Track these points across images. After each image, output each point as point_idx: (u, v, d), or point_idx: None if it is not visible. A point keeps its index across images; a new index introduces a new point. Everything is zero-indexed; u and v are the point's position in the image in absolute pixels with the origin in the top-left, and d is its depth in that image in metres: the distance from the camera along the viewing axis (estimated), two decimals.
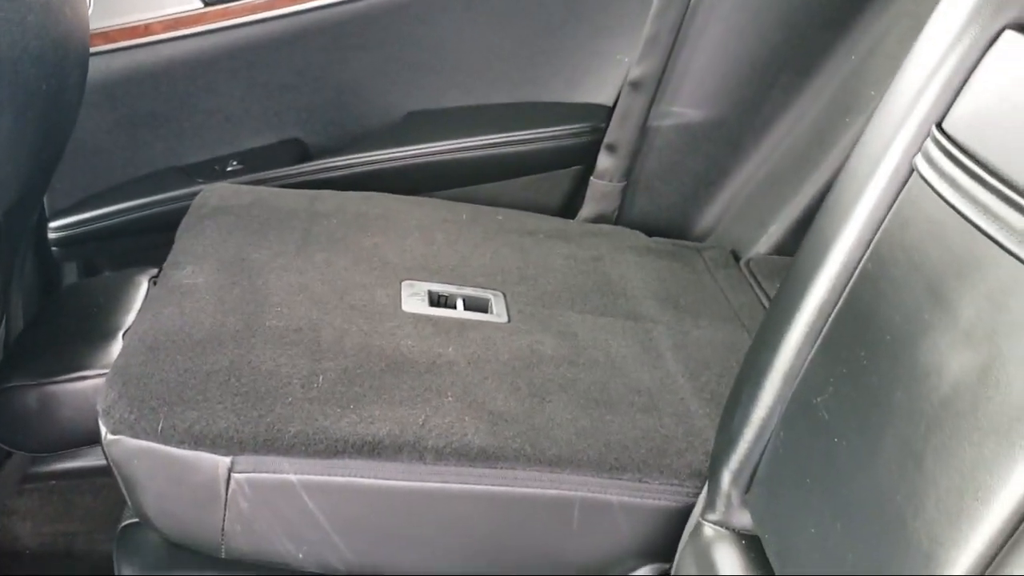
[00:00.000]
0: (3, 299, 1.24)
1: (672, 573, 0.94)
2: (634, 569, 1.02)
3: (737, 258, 1.49)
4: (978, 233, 0.62)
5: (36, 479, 1.60)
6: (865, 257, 0.74)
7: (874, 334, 0.71)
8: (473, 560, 0.99)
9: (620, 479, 0.97)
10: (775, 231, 1.49)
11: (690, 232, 1.60)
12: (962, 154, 0.67)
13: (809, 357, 0.79)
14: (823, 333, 0.78)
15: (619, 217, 1.58)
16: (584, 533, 0.99)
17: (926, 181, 0.70)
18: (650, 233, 1.53)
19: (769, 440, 0.83)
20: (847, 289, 0.76)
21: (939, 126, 0.71)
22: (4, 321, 1.28)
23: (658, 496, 0.98)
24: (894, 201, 0.73)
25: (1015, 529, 0.56)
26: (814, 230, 0.81)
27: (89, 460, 1.64)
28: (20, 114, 0.93)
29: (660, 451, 1.00)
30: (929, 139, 0.71)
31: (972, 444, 0.59)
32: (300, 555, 0.96)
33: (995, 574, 0.56)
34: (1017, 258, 0.59)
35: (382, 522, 0.96)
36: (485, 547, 0.99)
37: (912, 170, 0.73)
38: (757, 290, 1.40)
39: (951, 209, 0.67)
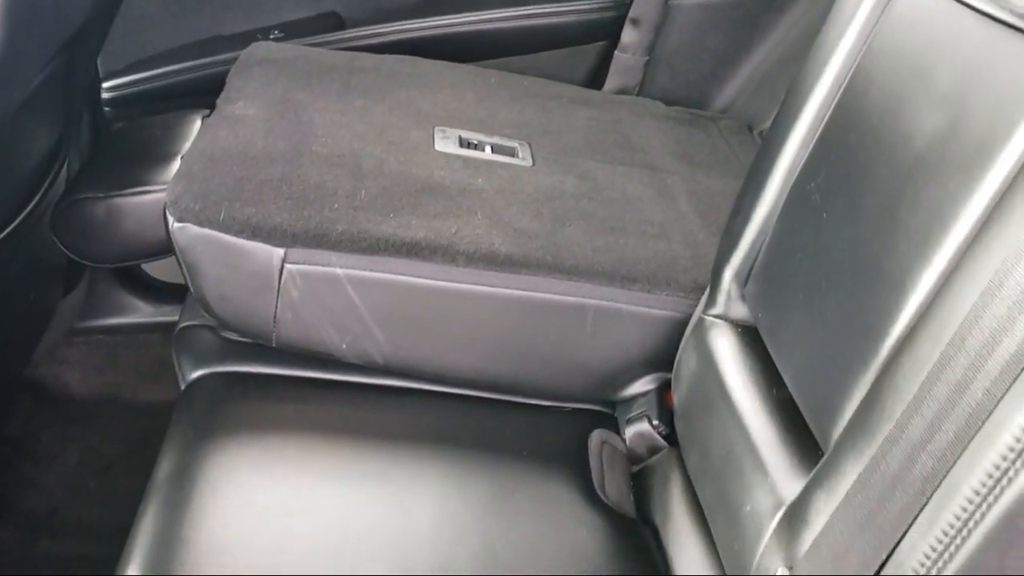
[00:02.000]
0: (64, 144, 1.34)
1: (676, 364, 1.04)
2: (641, 377, 1.13)
3: (751, 128, 1.57)
4: (957, 6, 0.71)
5: (83, 333, 1.71)
6: (860, 54, 0.83)
7: (862, 117, 0.80)
8: (496, 360, 1.10)
9: (631, 289, 1.07)
10: None
11: (707, 108, 1.68)
12: None
13: (807, 152, 0.88)
14: (820, 129, 0.87)
15: (640, 91, 1.66)
16: (597, 339, 1.09)
17: None
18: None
19: (768, 235, 0.93)
20: (843, 86, 0.85)
21: None
22: (65, 165, 1.38)
23: (665, 307, 1.08)
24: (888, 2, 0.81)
25: (968, 248, 0.65)
26: (818, 41, 0.90)
27: (132, 318, 1.75)
28: None
29: (668, 267, 1.10)
30: None
31: (939, 185, 0.68)
32: (344, 346, 1.06)
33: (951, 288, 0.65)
34: (993, 19, 0.67)
35: (417, 318, 1.07)
36: (508, 348, 1.09)
37: None
38: None
39: None
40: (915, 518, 0.62)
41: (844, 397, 0.74)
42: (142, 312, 1.76)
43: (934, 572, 0.60)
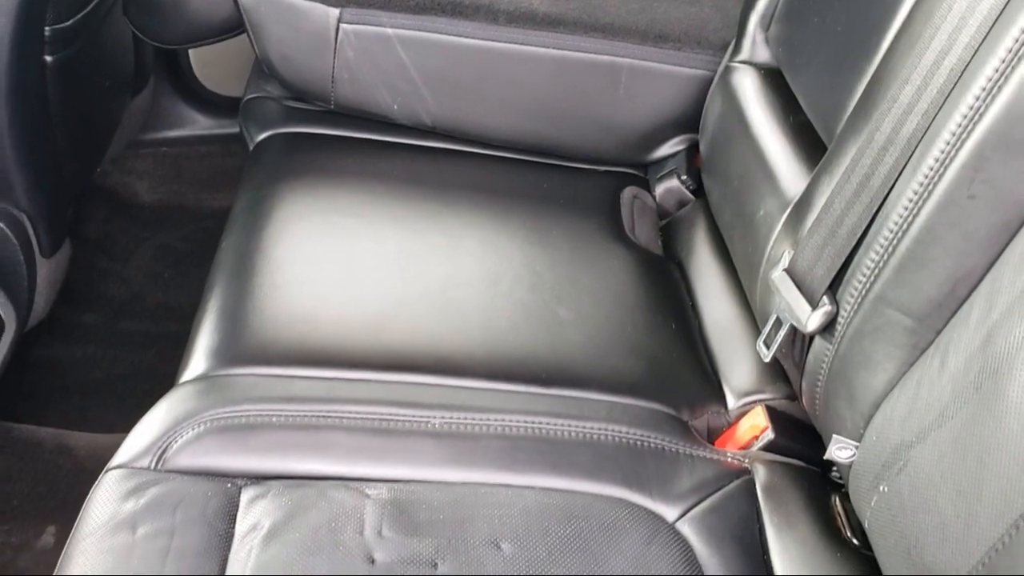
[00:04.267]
0: None
1: (703, 112, 1.12)
2: (671, 138, 1.21)
3: None
4: None
5: (148, 145, 1.82)
6: None
7: None
8: (535, 120, 1.19)
9: (662, 47, 1.15)
10: None
11: None
12: None
13: None
14: None
15: None
16: (629, 99, 1.17)
17: None
18: None
19: None
20: None
21: None
22: None
23: (695, 65, 1.16)
24: None
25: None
26: None
27: (193, 130, 1.85)
28: None
29: (699, 28, 1.17)
30: None
31: None
32: (395, 106, 1.16)
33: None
34: None
35: (461, 78, 1.15)
36: (546, 108, 1.18)
37: None
38: None
39: None
40: (900, 173, 0.71)
41: (848, 95, 0.82)
42: (201, 125, 1.85)
43: (915, 212, 0.69)
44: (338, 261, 1.00)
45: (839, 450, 0.76)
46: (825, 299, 0.77)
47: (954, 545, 0.61)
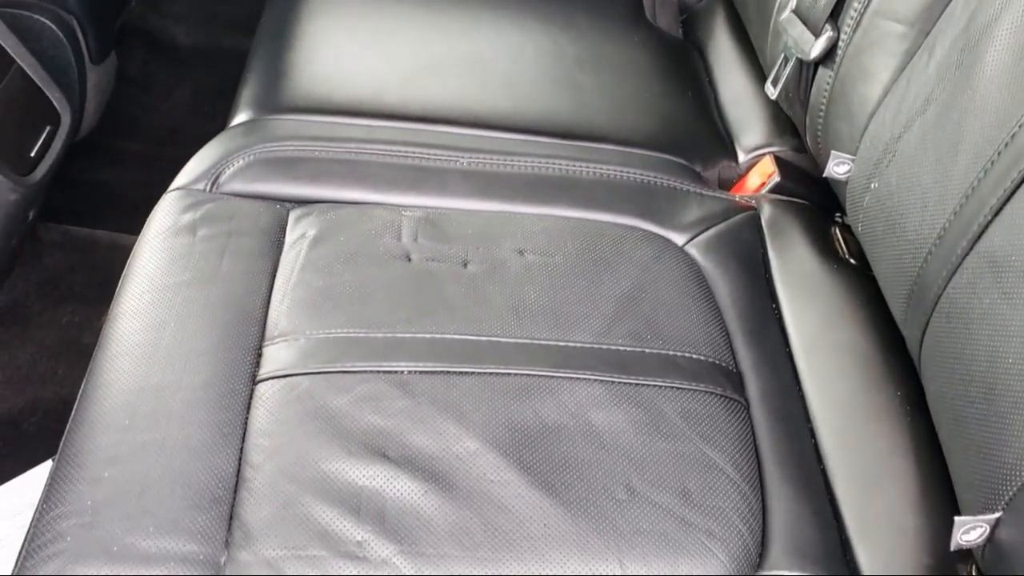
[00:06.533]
0: None
1: None
2: None
3: None
4: None
5: None
6: None
7: None
8: None
9: None
10: None
11: None
12: None
13: None
14: None
15: None
16: None
17: None
18: None
19: None
20: None
21: None
22: None
23: None
24: None
25: None
26: None
27: None
28: None
29: None
30: None
31: None
32: None
33: None
34: None
35: None
36: None
37: None
38: None
39: None
40: None
41: None
42: None
43: None
44: (371, 31, 1.06)
45: (837, 166, 0.82)
46: (827, 26, 0.82)
47: (932, 207, 0.67)
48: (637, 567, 0.62)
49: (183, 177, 0.88)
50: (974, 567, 0.63)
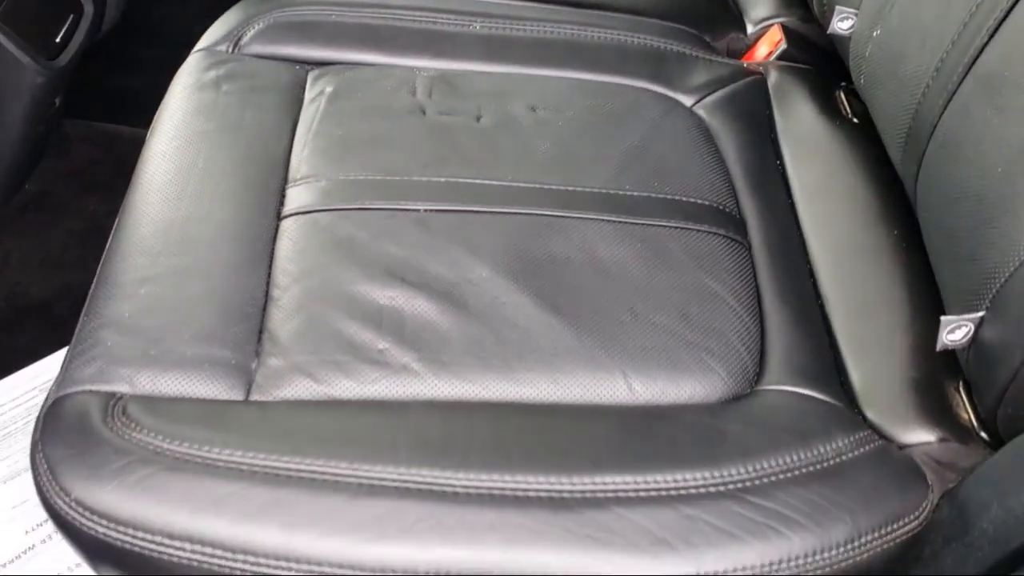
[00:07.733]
0: None
1: None
2: None
3: None
4: None
5: None
6: None
7: None
8: None
9: None
10: None
11: None
12: None
13: None
14: None
15: None
16: None
17: None
18: None
19: None
20: None
21: None
22: None
23: None
24: None
25: None
26: None
27: None
28: None
29: None
30: None
31: None
32: None
33: None
34: None
35: None
36: None
37: None
38: None
39: None
40: None
41: None
42: None
43: None
44: None
45: (841, 21, 0.84)
46: None
47: (932, 42, 0.69)
48: (640, 379, 0.66)
49: (206, 39, 0.91)
50: (961, 383, 0.67)
